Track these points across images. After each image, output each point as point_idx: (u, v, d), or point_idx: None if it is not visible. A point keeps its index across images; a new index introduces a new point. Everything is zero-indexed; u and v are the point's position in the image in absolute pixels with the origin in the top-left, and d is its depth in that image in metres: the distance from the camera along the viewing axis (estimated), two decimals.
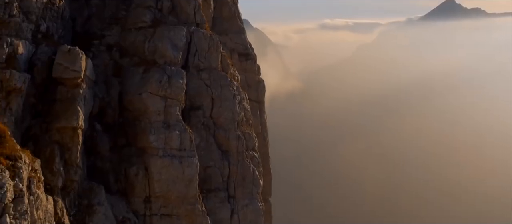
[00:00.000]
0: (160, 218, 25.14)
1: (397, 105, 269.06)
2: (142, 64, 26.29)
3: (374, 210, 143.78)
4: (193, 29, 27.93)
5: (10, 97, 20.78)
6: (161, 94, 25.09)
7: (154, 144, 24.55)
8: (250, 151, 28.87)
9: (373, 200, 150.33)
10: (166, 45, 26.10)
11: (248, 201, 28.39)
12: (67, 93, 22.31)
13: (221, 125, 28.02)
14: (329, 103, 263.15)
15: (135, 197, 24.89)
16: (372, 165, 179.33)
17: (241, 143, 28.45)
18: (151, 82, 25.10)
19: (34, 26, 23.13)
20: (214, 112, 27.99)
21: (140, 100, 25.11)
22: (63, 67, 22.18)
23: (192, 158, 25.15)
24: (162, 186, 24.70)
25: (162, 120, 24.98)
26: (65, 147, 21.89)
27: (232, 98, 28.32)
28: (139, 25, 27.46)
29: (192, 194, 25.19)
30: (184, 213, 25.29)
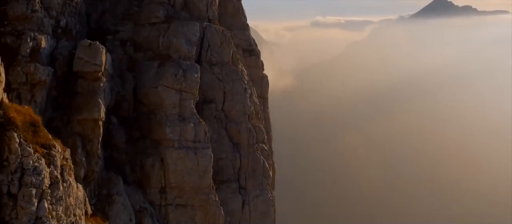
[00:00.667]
0: (175, 208, 25.91)
1: (388, 103, 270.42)
2: (157, 58, 27.01)
3: (367, 209, 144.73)
4: (206, 25, 28.72)
5: (35, 89, 21.47)
6: (176, 88, 25.84)
7: (169, 136, 25.31)
8: (260, 144, 29.74)
9: (366, 198, 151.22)
10: (180, 40, 26.85)
11: (258, 192, 29.26)
12: (88, 86, 23.00)
13: (232, 118, 28.85)
14: (321, 101, 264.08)
15: (151, 188, 25.62)
16: (364, 162, 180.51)
17: (252, 136, 29.30)
18: (167, 76, 25.85)
19: (54, 21, 23.80)
20: (226, 106, 28.81)
21: (156, 94, 25.84)
22: (83, 61, 22.86)
23: (206, 149, 25.94)
24: (177, 177, 25.46)
25: (177, 113, 25.74)
26: (86, 139, 22.59)
27: (243, 92, 29.17)
28: (152, 20, 28.18)
29: (206, 184, 25.99)
30: (199, 203, 26.07)
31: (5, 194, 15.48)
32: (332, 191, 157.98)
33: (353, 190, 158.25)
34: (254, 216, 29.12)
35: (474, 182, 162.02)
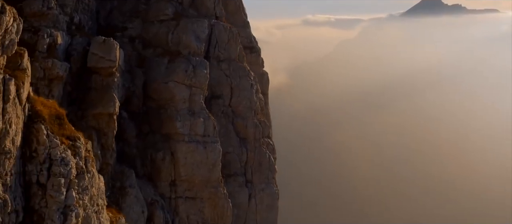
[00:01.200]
0: (184, 200, 26.68)
1: (380, 102, 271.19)
2: (166, 55, 27.73)
3: (362, 208, 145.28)
4: (214, 22, 29.53)
5: (53, 84, 22.14)
6: (186, 83, 26.58)
7: (180, 130, 26.06)
8: (265, 138, 30.59)
9: (360, 197, 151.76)
10: (190, 37, 27.61)
11: (264, 185, 30.12)
12: (102, 82, 23.71)
13: (239, 113, 29.66)
14: (313, 99, 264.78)
15: (161, 181, 26.37)
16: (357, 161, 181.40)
17: (258, 131, 30.14)
18: (178, 71, 26.58)
19: (68, 18, 24.50)
20: (233, 101, 29.62)
21: (167, 89, 26.58)
22: (98, 57, 23.56)
23: (215, 143, 26.74)
24: (187, 170, 26.23)
25: (187, 107, 26.49)
26: (101, 132, 23.31)
27: (250, 88, 30.00)
28: (161, 17, 28.90)
29: (215, 178, 26.79)
30: (207, 196, 26.86)
31: (34, 183, 16.19)
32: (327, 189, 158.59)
33: (348, 189, 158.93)
34: (260, 209, 29.99)
35: (468, 181, 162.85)
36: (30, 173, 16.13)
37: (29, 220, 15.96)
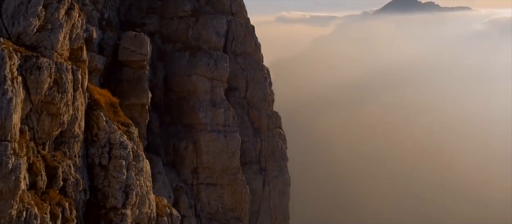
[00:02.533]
0: (206, 187, 28.27)
1: (354, 99, 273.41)
2: (187, 49, 29.21)
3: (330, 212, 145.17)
4: (231, 18, 31.16)
5: (91, 76, 23.40)
6: (208, 76, 28.14)
7: (203, 120, 27.61)
8: (277, 129, 32.38)
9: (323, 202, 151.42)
10: (210, 32, 29.18)
11: (277, 173, 31.90)
12: (133, 74, 25.11)
13: (254, 104, 31.35)
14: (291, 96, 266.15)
15: (184, 168, 27.89)
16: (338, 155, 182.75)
17: (271, 121, 31.89)
18: (200, 65, 28.12)
19: (99, 14, 25.85)
20: (248, 93, 31.27)
21: (189, 81, 28.09)
22: (129, 51, 24.94)
23: (235, 133, 28.38)
24: (209, 158, 27.82)
25: (209, 99, 28.05)
26: (134, 122, 24.72)
27: (264, 81, 31.71)
28: (179, 14, 30.34)
29: (234, 165, 28.44)
30: (227, 182, 28.49)
31: (97, 165, 17.69)
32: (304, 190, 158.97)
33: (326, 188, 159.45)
34: (273, 195, 31.76)
35: (441, 177, 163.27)
36: (93, 155, 17.61)
37: (94, 198, 17.49)
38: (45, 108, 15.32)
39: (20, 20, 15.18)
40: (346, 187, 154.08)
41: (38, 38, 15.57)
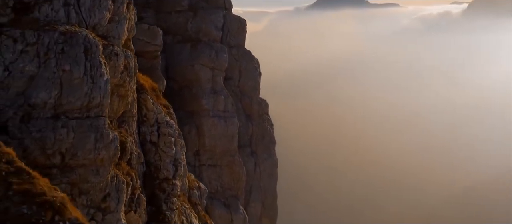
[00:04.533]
0: (207, 168, 30.90)
1: (288, 92, 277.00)
2: (187, 41, 31.62)
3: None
4: (225, 13, 33.82)
5: None
6: (210, 66, 30.69)
7: (206, 106, 30.19)
8: (266, 115, 35.44)
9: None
10: (210, 25, 31.70)
11: (266, 155, 34.95)
12: (147, 64, 27.26)
13: (246, 93, 34.16)
14: None
15: (188, 151, 30.29)
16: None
17: (261, 108, 34.90)
18: (203, 56, 30.61)
19: None
20: (240, 82, 34.04)
21: (192, 71, 30.54)
22: (143, 42, 27.07)
23: (233, 118, 31.16)
24: (210, 141, 30.46)
25: (211, 87, 30.63)
26: None
27: (254, 71, 34.58)
28: (177, 8, 32.61)
29: (233, 148, 31.25)
30: (226, 163, 31.26)
31: (148, 142, 20.19)
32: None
33: None
34: (263, 176, 34.81)
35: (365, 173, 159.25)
36: (144, 133, 20.09)
37: (148, 171, 20.01)
38: (116, 90, 17.66)
39: (96, 13, 17.42)
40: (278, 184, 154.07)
41: (108, 29, 17.87)
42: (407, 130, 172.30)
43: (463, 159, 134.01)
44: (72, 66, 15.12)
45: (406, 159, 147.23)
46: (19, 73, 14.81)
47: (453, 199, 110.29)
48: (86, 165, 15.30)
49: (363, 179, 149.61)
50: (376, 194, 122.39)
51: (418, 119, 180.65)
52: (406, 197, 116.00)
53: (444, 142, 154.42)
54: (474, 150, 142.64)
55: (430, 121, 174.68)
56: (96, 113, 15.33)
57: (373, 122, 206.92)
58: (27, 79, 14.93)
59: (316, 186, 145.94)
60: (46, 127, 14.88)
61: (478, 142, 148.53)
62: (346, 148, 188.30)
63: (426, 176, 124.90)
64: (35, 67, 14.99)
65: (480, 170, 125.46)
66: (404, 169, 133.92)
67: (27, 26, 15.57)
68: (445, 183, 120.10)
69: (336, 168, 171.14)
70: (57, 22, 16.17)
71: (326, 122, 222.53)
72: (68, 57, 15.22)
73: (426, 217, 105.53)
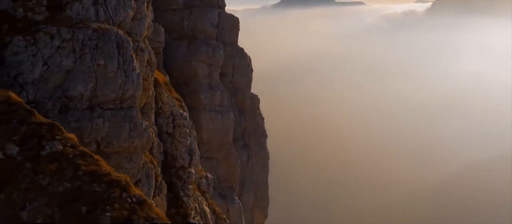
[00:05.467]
0: (204, 160, 32.09)
1: (256, 90, 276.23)
2: (183, 38, 32.75)
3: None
4: (219, 11, 35.06)
5: None
6: (207, 62, 31.91)
7: (204, 101, 31.40)
8: (257, 110, 36.88)
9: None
10: (206, 23, 32.91)
11: (258, 148, 36.39)
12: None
13: (239, 88, 35.50)
14: None
15: None
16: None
17: (253, 103, 36.33)
18: (200, 52, 31.79)
19: None
20: (234, 78, 35.35)
21: (190, 67, 31.69)
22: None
23: (229, 112, 32.49)
24: (208, 135, 31.71)
25: (208, 82, 31.86)
26: None
27: (247, 67, 35.95)
28: (172, 7, 33.71)
29: (229, 141, 32.59)
30: (222, 156, 32.57)
31: (164, 133, 21.46)
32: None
33: None
34: (256, 168, 36.25)
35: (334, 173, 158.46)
36: (161, 125, 21.34)
37: (166, 160, 21.28)
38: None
39: (121, 11, 18.61)
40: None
41: (131, 26, 19.08)
42: (374, 129, 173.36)
43: (428, 158, 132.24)
44: (107, 61, 16.27)
45: (375, 158, 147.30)
46: (56, 67, 15.86)
47: (419, 198, 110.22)
48: (121, 153, 16.48)
49: (328, 177, 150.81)
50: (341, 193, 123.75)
51: (384, 118, 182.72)
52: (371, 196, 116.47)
53: (409, 141, 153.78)
54: (437, 148, 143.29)
55: (396, 120, 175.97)
56: (129, 104, 16.50)
57: (340, 121, 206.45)
58: (64, 73, 16.00)
59: (290, 186, 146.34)
60: (83, 118, 16.00)
61: (441, 140, 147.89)
62: (314, 147, 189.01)
63: (394, 176, 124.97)
64: (71, 62, 16.06)
65: (444, 169, 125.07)
66: (372, 168, 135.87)
67: (61, 24, 16.62)
68: (413, 181, 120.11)
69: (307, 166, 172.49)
70: (88, 19, 17.29)
71: (294, 121, 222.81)
72: (102, 52, 16.35)
73: (395, 216, 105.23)
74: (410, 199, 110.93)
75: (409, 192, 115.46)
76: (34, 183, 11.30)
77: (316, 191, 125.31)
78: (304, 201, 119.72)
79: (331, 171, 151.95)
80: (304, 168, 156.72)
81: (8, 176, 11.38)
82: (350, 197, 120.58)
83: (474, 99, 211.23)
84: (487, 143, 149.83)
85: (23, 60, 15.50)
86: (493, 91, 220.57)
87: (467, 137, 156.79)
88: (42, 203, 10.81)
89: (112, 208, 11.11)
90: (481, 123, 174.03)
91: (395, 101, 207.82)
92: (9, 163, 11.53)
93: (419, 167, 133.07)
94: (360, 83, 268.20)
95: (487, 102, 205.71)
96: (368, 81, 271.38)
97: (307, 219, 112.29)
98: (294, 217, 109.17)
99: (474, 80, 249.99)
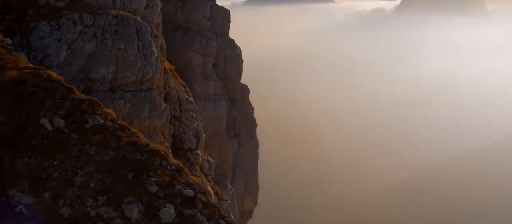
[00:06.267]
0: None
1: None
2: (177, 29, 33.74)
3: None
4: (212, 3, 36.13)
5: None
6: (201, 52, 32.96)
7: (198, 90, 32.51)
8: (247, 99, 38.11)
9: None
10: (199, 15, 33.94)
11: (248, 137, 37.63)
12: None
13: (230, 78, 36.68)
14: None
15: None
16: None
17: (243, 93, 37.53)
18: (194, 43, 32.83)
19: None
20: (225, 69, 36.50)
21: (185, 57, 32.69)
22: None
23: (222, 101, 33.65)
24: (202, 123, 32.84)
25: (201, 72, 32.96)
26: None
27: (238, 58, 37.12)
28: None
29: (221, 129, 33.74)
30: (216, 144, 33.69)
31: (172, 116, 22.58)
32: None
33: None
34: (246, 156, 37.48)
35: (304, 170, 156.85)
36: (170, 109, 22.46)
37: (174, 142, 22.39)
38: None
39: (136, 0, 19.71)
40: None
41: (144, 14, 20.14)
42: (345, 126, 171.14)
43: (396, 156, 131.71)
44: (127, 45, 17.34)
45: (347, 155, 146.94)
46: (80, 51, 16.87)
47: (391, 194, 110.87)
48: (141, 132, 17.56)
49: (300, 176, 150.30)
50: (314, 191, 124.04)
51: (353, 116, 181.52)
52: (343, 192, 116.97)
53: (381, 139, 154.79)
54: (408, 146, 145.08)
55: (367, 117, 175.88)
56: (148, 86, 17.61)
57: (312, 118, 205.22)
58: (87, 56, 17.01)
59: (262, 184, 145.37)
60: (105, 99, 17.02)
61: (409, 138, 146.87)
62: (286, 146, 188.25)
63: (366, 173, 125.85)
64: (93, 46, 17.08)
65: (414, 166, 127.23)
66: (342, 166, 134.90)
67: (83, 10, 17.61)
68: (384, 178, 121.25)
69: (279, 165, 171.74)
70: (106, 6, 18.31)
71: (266, 120, 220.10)
72: (122, 37, 17.40)
73: (367, 212, 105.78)
74: (381, 196, 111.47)
75: (381, 189, 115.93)
76: (83, 152, 12.30)
77: (289, 190, 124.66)
78: (279, 199, 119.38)
79: (303, 169, 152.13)
80: (276, 167, 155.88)
81: (58, 146, 12.35)
82: (322, 194, 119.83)
83: (443, 98, 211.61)
84: (455, 141, 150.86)
85: (49, 44, 16.37)
86: (463, 90, 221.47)
87: (436, 135, 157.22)
88: (92, 169, 11.81)
89: (155, 174, 12.24)
90: (449, 121, 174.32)
91: (366, 99, 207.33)
92: (58, 134, 12.46)
93: (390, 164, 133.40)
94: (331, 81, 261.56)
95: (456, 100, 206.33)
96: (339, 79, 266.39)
97: (282, 218, 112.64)
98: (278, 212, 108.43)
99: (443, 78, 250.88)
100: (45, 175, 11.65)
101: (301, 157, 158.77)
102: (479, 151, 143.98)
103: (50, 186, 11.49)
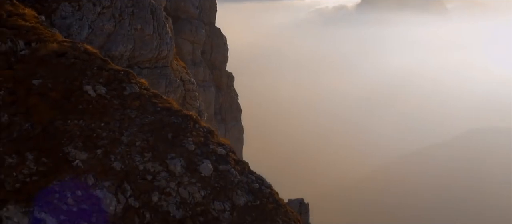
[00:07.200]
0: None
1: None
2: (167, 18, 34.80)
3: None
4: None
5: None
6: (190, 40, 34.07)
7: None
8: (232, 86, 39.45)
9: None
10: (188, 4, 35.00)
11: (234, 123, 38.97)
12: None
13: (217, 65, 37.93)
14: None
15: None
16: None
17: (229, 80, 38.85)
18: (185, 31, 33.90)
19: None
20: (212, 56, 37.72)
21: (175, 44, 33.77)
22: None
23: (211, 87, 34.89)
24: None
25: (191, 59, 34.10)
26: None
27: (224, 46, 38.40)
28: None
29: (210, 113, 35.00)
30: None
31: None
32: None
33: None
34: (231, 141, 38.68)
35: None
36: (182, 84, 23.71)
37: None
38: None
39: None
40: None
41: None
42: (307, 122, 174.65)
43: (356, 151, 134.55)
44: (143, 25, 18.61)
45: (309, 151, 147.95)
46: (99, 30, 18.03)
47: (352, 190, 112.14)
48: None
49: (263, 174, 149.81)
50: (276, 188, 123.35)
51: (314, 111, 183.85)
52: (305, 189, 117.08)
53: (339, 134, 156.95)
54: (368, 142, 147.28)
55: (329, 114, 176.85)
56: (163, 64, 18.91)
57: (275, 115, 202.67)
58: (106, 36, 18.21)
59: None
60: None
61: (369, 134, 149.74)
62: (250, 142, 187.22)
63: (327, 168, 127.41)
64: (112, 26, 18.27)
65: (375, 161, 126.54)
66: (303, 161, 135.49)
67: None
68: (346, 174, 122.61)
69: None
70: None
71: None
72: (139, 18, 18.65)
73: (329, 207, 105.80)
74: (343, 191, 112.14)
75: (343, 185, 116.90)
76: (125, 115, 13.60)
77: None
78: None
79: (266, 166, 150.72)
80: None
81: (103, 109, 13.64)
82: (284, 192, 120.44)
83: (404, 94, 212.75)
84: (415, 137, 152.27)
85: (71, 24, 17.48)
86: (423, 86, 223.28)
87: (396, 130, 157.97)
88: (135, 130, 13.14)
89: (191, 135, 13.65)
90: (410, 117, 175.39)
91: (328, 95, 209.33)
92: (101, 100, 13.73)
93: (351, 160, 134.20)
94: (293, 78, 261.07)
95: (416, 96, 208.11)
96: (301, 75, 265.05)
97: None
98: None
99: (404, 74, 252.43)
100: (94, 135, 12.84)
101: (264, 153, 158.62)
102: (438, 146, 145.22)
103: (101, 144, 12.71)
